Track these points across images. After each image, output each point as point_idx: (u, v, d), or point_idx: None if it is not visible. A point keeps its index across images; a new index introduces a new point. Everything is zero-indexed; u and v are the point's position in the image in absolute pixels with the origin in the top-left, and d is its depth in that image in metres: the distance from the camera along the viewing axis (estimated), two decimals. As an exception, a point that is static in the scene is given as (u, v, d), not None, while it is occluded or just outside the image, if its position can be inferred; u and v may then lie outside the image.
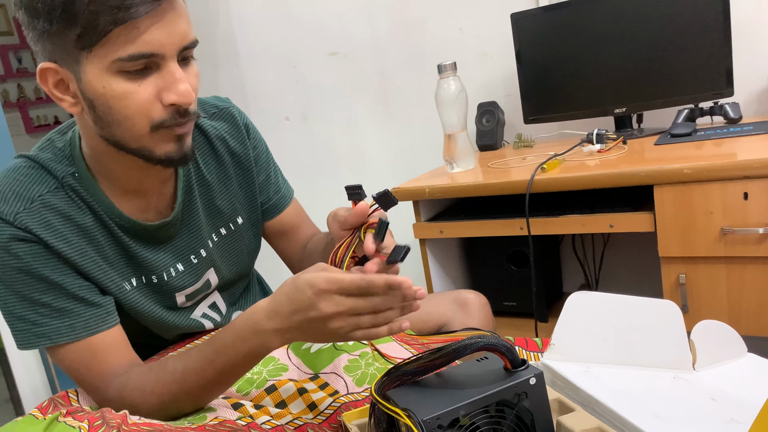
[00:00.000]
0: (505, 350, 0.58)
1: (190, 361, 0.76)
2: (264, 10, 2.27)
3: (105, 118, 0.75)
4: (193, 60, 0.79)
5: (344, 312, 0.64)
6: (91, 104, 0.75)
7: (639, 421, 0.60)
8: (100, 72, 0.72)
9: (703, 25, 1.46)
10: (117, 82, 0.72)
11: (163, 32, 0.71)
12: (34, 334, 0.80)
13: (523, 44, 1.69)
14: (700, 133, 1.44)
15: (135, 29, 0.69)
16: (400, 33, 2.06)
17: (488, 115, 1.84)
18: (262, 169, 1.02)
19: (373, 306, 0.65)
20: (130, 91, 0.73)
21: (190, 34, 0.75)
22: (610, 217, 1.32)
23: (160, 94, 0.74)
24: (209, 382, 0.75)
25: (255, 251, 1.07)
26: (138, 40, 0.70)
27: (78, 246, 0.82)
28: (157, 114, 0.75)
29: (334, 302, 0.64)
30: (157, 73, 0.74)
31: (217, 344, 0.74)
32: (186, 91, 0.74)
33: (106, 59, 0.71)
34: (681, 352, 0.74)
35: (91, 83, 0.73)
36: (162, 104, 0.75)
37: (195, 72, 0.79)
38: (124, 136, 0.77)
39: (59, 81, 0.76)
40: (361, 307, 0.65)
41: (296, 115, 2.35)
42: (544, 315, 1.68)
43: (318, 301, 0.64)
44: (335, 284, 0.64)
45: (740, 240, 1.18)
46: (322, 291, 0.64)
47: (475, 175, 1.52)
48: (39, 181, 0.82)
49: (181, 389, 0.76)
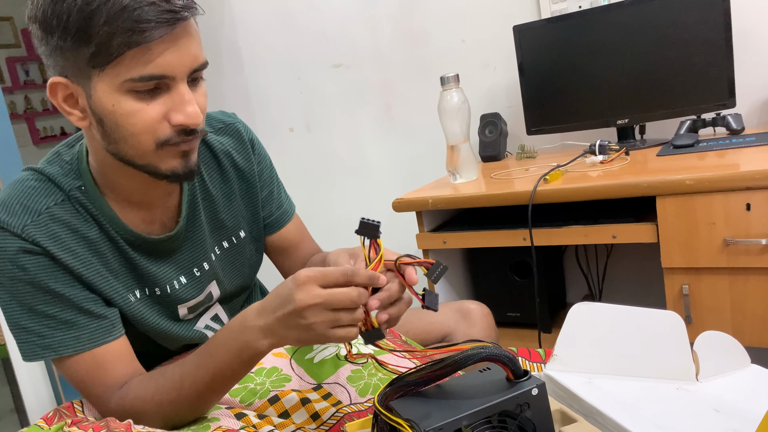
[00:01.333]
0: (507, 361, 0.58)
1: (186, 366, 0.77)
2: (269, 20, 2.29)
3: (112, 135, 0.76)
4: (202, 80, 0.80)
5: (320, 304, 0.65)
6: (99, 120, 0.76)
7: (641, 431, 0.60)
8: (111, 90, 0.73)
9: (705, 37, 1.46)
10: (127, 101, 0.73)
11: (175, 56, 0.72)
12: (39, 345, 0.81)
13: (525, 56, 1.70)
14: (703, 144, 1.44)
15: (148, 52, 0.70)
16: (403, 44, 2.07)
17: (491, 126, 1.85)
18: (265, 184, 1.03)
19: (350, 300, 0.65)
20: (139, 110, 0.74)
21: (201, 56, 0.77)
22: (613, 228, 1.32)
23: (168, 114, 0.75)
24: (204, 386, 0.76)
25: (257, 264, 1.08)
26: (150, 62, 0.71)
27: (84, 258, 0.83)
28: (163, 133, 0.76)
29: (310, 293, 0.65)
30: (167, 93, 0.75)
31: (210, 345, 0.76)
32: (194, 113, 0.75)
33: (118, 79, 0.72)
34: (684, 363, 0.74)
35: (101, 100, 0.74)
36: (170, 124, 0.76)
37: (203, 92, 0.80)
38: (129, 153, 0.78)
39: (69, 95, 0.77)
40: (337, 300, 0.65)
41: (300, 124, 2.36)
42: (548, 325, 1.68)
43: (296, 292, 0.65)
44: (317, 272, 0.65)
45: (743, 251, 1.17)
46: (301, 282, 0.65)
47: (478, 186, 1.53)
48: (46, 193, 0.82)
49: (179, 395, 0.77)
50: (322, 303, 0.65)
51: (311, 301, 0.65)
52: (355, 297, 0.66)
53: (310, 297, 0.65)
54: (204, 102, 0.80)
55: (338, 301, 0.65)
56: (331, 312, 0.65)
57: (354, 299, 0.65)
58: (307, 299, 0.65)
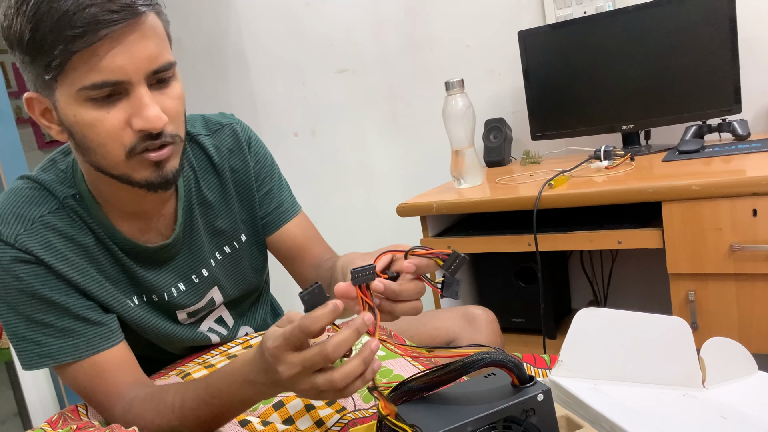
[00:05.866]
0: (513, 366, 0.58)
1: (188, 399, 0.73)
2: (274, 26, 2.30)
3: (82, 146, 0.75)
4: (174, 81, 0.76)
5: (302, 372, 0.59)
6: (69, 132, 0.75)
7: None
8: (70, 101, 0.71)
9: (711, 42, 1.46)
10: (86, 111, 0.71)
11: (125, 57, 0.69)
12: (38, 354, 0.80)
13: (530, 61, 1.70)
14: (708, 149, 1.44)
15: (95, 56, 0.68)
16: (408, 49, 2.07)
17: (496, 132, 1.85)
18: (263, 182, 1.00)
19: (323, 359, 0.58)
20: (99, 119, 0.71)
21: (162, 56, 0.72)
22: (618, 233, 1.31)
23: (130, 120, 0.72)
24: (207, 421, 0.74)
25: (261, 267, 1.06)
26: (98, 67, 0.68)
27: (79, 266, 0.82)
28: (129, 140, 0.73)
29: (288, 364, 0.59)
30: (126, 99, 0.72)
31: (211, 389, 0.71)
32: (154, 116, 0.71)
33: (73, 88, 0.70)
34: (690, 370, 0.73)
35: (64, 111, 0.72)
36: (132, 130, 0.73)
37: (175, 94, 0.76)
38: (102, 163, 0.76)
39: (45, 109, 0.76)
40: (314, 363, 0.58)
41: (305, 129, 2.36)
42: (553, 331, 1.67)
43: (276, 364, 0.60)
44: (279, 339, 0.59)
45: (750, 257, 1.17)
46: (274, 354, 0.59)
47: (483, 191, 1.53)
48: (40, 202, 0.82)
49: (180, 424, 0.75)
50: (302, 371, 0.59)
51: (293, 371, 0.59)
52: (330, 352, 0.58)
53: (289, 367, 0.59)
54: (174, 105, 0.76)
55: (315, 363, 0.58)
56: (318, 374, 0.59)
57: (329, 355, 0.58)
58: (288, 370, 0.59)
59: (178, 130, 0.78)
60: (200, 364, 0.95)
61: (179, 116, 0.78)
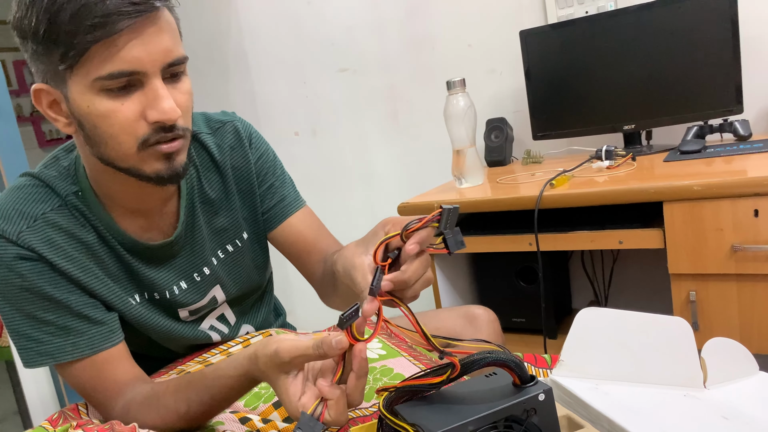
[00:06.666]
0: (514, 366, 0.58)
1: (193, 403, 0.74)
2: (275, 25, 2.30)
3: (93, 138, 0.75)
4: (184, 76, 0.77)
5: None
6: (80, 124, 0.75)
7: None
8: (84, 91, 0.71)
9: (713, 42, 1.46)
10: (100, 101, 0.71)
11: (143, 49, 0.70)
12: (38, 352, 0.80)
13: (531, 61, 1.70)
14: (710, 150, 1.44)
15: (114, 47, 0.68)
16: (409, 49, 2.07)
17: (497, 131, 1.85)
18: (265, 178, 0.99)
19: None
20: (113, 109, 0.72)
21: (176, 50, 0.74)
22: (620, 233, 1.31)
23: (144, 112, 0.73)
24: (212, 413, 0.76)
25: (264, 264, 1.05)
26: (116, 57, 0.69)
27: (81, 263, 0.82)
28: (142, 131, 0.74)
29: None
30: (141, 90, 0.72)
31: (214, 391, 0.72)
32: (169, 108, 0.72)
33: (88, 78, 0.70)
34: (692, 370, 0.73)
35: (76, 102, 0.72)
36: (146, 122, 0.73)
37: (185, 89, 0.77)
38: (112, 155, 0.76)
39: (53, 101, 0.76)
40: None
41: (306, 129, 2.36)
42: (554, 331, 1.67)
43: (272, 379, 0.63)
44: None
45: (751, 257, 1.17)
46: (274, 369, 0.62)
47: (484, 191, 1.52)
48: (42, 199, 0.82)
49: (186, 424, 0.76)
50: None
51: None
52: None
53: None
54: (185, 99, 0.77)
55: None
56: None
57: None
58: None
59: (188, 124, 0.79)
60: (200, 363, 0.95)
61: (189, 111, 0.79)
